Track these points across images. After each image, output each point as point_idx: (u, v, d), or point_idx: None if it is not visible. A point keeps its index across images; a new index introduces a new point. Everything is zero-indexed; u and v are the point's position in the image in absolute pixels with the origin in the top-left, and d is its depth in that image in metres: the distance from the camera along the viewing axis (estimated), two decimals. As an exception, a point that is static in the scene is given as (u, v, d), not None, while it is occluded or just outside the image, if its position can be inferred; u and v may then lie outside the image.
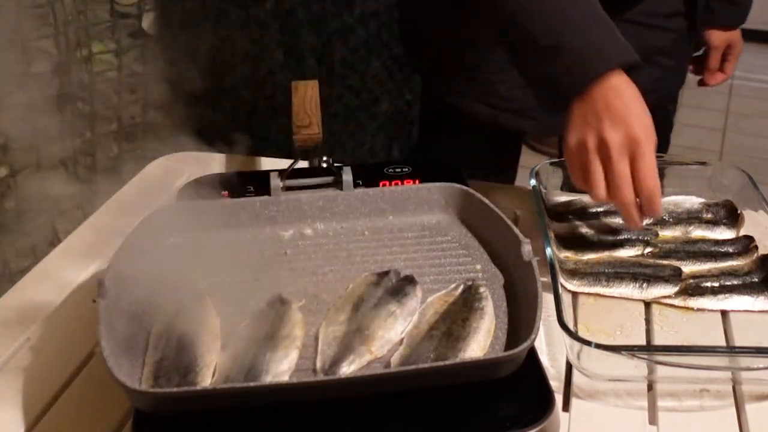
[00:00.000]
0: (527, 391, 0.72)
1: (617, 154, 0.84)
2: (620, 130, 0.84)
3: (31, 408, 0.78)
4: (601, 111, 0.85)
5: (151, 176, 1.20)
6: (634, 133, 0.84)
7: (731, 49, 1.38)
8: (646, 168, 0.84)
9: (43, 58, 1.54)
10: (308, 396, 0.69)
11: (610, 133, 0.84)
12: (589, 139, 0.85)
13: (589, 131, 0.86)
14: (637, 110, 0.86)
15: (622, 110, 0.85)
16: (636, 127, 0.84)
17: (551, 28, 0.88)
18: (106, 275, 0.77)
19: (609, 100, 0.86)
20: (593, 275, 0.92)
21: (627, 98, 0.86)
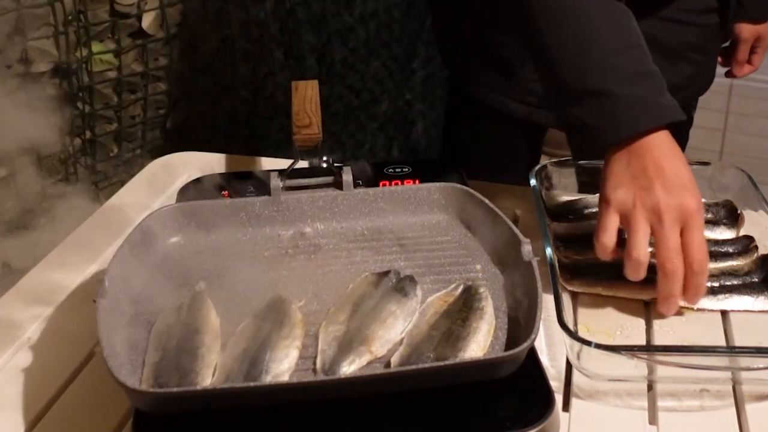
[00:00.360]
0: (527, 391, 0.72)
1: (671, 222, 0.80)
2: (675, 197, 0.81)
3: (31, 408, 0.78)
4: (652, 172, 0.82)
5: (151, 176, 1.20)
6: (688, 203, 0.81)
7: (760, 42, 1.39)
8: (698, 240, 0.80)
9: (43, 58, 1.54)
10: (308, 396, 0.69)
11: (665, 198, 0.80)
12: (639, 199, 0.81)
13: (640, 191, 0.82)
14: (689, 178, 0.83)
15: (674, 176, 0.82)
16: (690, 198, 0.81)
17: (599, 72, 0.85)
18: (106, 275, 0.77)
19: (659, 162, 0.82)
20: (594, 275, 0.92)
21: (677, 162, 0.83)
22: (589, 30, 0.87)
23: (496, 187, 1.13)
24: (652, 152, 0.83)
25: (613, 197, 0.83)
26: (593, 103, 0.85)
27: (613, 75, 0.85)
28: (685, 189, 0.81)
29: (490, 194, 0.92)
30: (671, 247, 0.80)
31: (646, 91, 0.85)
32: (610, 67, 0.85)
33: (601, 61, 0.86)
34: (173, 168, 1.21)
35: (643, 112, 0.84)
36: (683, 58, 1.24)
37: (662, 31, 1.19)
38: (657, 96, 0.86)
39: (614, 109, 0.84)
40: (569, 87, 0.87)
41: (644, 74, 0.87)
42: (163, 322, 0.78)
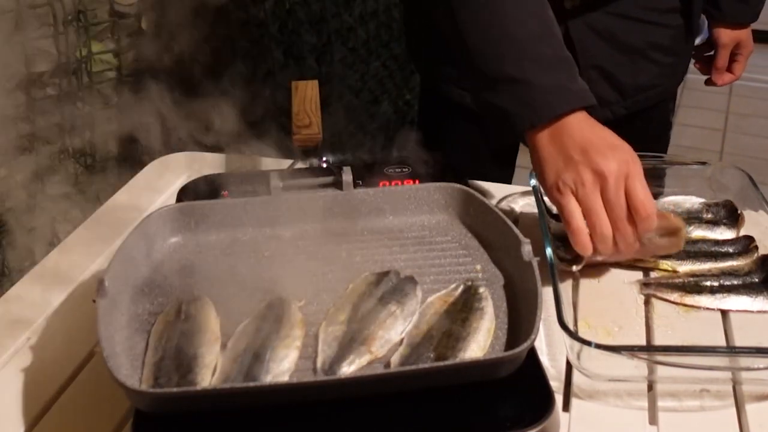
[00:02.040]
0: (527, 391, 0.72)
1: (615, 183, 0.83)
2: (611, 158, 0.83)
3: (31, 408, 0.78)
4: (582, 145, 0.84)
5: (151, 176, 1.20)
6: (623, 157, 0.84)
7: (740, 49, 1.36)
8: (642, 188, 0.83)
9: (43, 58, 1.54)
10: (308, 396, 0.69)
11: (604, 163, 0.83)
12: (584, 173, 0.84)
13: (581, 166, 0.84)
14: (613, 136, 0.86)
15: (602, 141, 0.85)
16: (623, 153, 0.84)
17: (514, 59, 0.88)
18: (106, 275, 0.77)
19: (584, 134, 0.85)
20: None
21: (599, 130, 0.86)
22: (504, 17, 0.89)
23: (496, 187, 1.13)
24: (574, 129, 0.86)
25: (561, 182, 0.86)
26: (510, 90, 0.88)
27: (529, 63, 0.88)
28: (615, 147, 0.84)
29: (490, 194, 0.92)
30: (620, 209, 0.83)
31: (559, 77, 0.88)
32: (526, 55, 0.88)
33: (517, 49, 0.88)
34: (173, 168, 1.21)
35: (557, 97, 0.87)
36: (645, 58, 1.23)
37: (622, 29, 1.18)
38: (569, 82, 0.89)
39: (530, 95, 0.87)
40: (486, 75, 0.90)
41: (557, 61, 0.89)
42: (162, 322, 0.78)
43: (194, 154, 1.23)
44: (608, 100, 1.23)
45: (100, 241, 1.02)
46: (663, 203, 1.05)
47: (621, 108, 1.25)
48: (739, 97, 3.68)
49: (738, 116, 3.56)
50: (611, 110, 1.24)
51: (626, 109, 1.25)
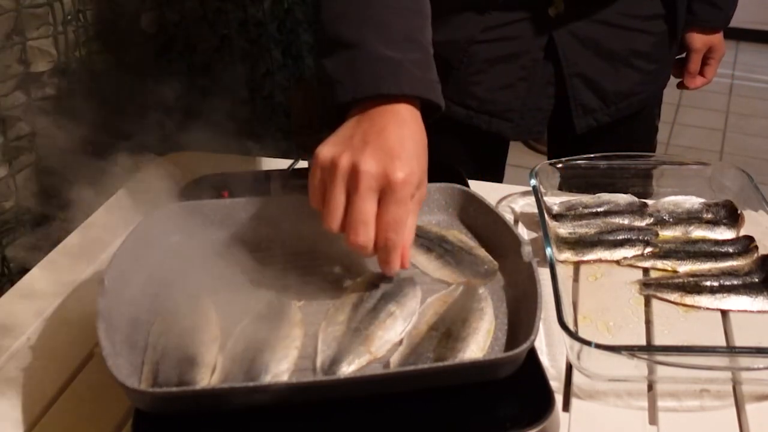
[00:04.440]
0: (527, 391, 0.72)
1: (365, 188, 0.71)
2: (380, 162, 0.71)
3: (31, 408, 0.78)
4: (370, 136, 0.73)
5: (151, 176, 1.20)
6: (393, 171, 0.70)
7: (712, 53, 1.36)
8: (392, 215, 0.71)
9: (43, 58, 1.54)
10: (307, 396, 0.69)
11: (367, 162, 0.71)
12: (343, 159, 0.72)
13: (346, 152, 0.72)
14: (412, 151, 0.73)
15: (394, 144, 0.72)
16: (400, 167, 0.71)
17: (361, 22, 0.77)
18: (106, 275, 0.77)
19: (384, 127, 0.73)
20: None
21: (409, 133, 0.74)
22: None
23: (496, 188, 1.13)
24: (384, 117, 0.74)
25: (319, 154, 0.74)
26: (341, 54, 0.77)
27: (373, 29, 0.77)
28: (397, 158, 0.71)
29: (490, 194, 0.92)
30: (357, 217, 0.72)
31: (402, 56, 0.76)
32: (373, 21, 0.77)
33: (367, 14, 0.78)
34: (173, 168, 1.20)
35: (390, 74, 0.75)
36: (627, 65, 1.22)
37: (604, 36, 1.18)
38: (414, 66, 0.77)
39: (358, 63, 0.76)
40: (327, 35, 0.79)
41: (409, 41, 0.79)
42: (162, 321, 0.78)
43: (194, 154, 1.23)
44: (592, 108, 1.23)
45: (100, 241, 1.02)
46: (663, 203, 1.05)
47: (605, 115, 1.25)
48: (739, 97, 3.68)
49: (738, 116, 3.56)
50: (594, 117, 1.24)
51: (610, 117, 1.25)
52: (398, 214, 0.72)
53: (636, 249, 0.96)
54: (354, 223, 0.72)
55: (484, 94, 1.22)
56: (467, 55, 1.19)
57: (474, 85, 1.21)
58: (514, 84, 1.20)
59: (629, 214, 1.02)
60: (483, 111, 1.23)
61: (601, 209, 1.03)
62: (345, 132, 0.75)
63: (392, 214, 0.72)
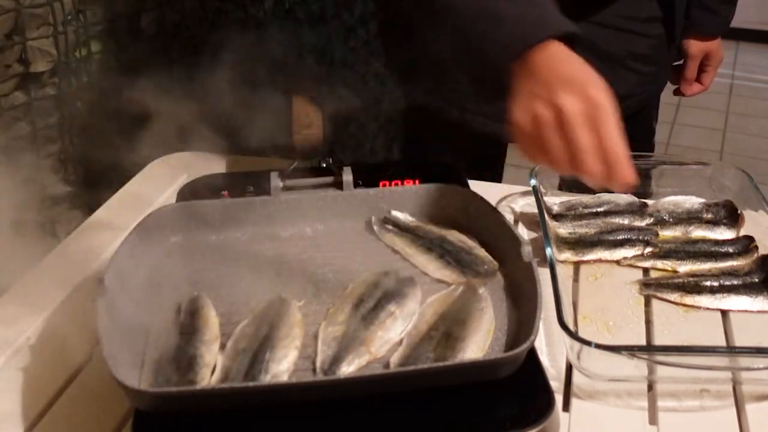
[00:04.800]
0: (527, 391, 0.72)
1: (577, 122, 0.74)
2: (577, 95, 0.74)
3: (31, 408, 0.78)
4: (549, 79, 0.76)
5: (151, 176, 1.20)
6: (592, 96, 0.74)
7: (710, 60, 1.35)
8: (610, 133, 0.74)
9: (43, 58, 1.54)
10: (307, 396, 0.69)
11: (566, 101, 0.74)
12: (541, 110, 0.75)
13: (540, 102, 0.75)
14: (589, 73, 0.77)
15: (573, 75, 0.76)
16: (593, 91, 0.75)
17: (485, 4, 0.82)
18: (106, 274, 0.77)
19: (555, 66, 0.77)
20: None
21: (575, 63, 0.78)
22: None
23: (496, 188, 1.13)
24: (546, 60, 0.78)
25: (518, 117, 0.78)
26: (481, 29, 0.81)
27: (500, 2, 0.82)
28: (587, 84, 0.76)
29: (490, 194, 0.92)
30: (584, 148, 0.74)
31: (529, 8, 0.82)
32: None
33: None
34: (173, 168, 1.21)
35: (529, 27, 0.80)
36: (625, 67, 1.21)
37: (601, 37, 1.17)
38: (542, 11, 0.82)
39: (501, 31, 0.80)
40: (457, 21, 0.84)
41: None
42: (162, 321, 0.78)
43: (194, 154, 1.23)
44: None
45: (100, 241, 1.02)
46: (663, 203, 1.05)
47: None
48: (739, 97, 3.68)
49: (738, 116, 3.56)
50: None
51: None
52: (613, 129, 0.74)
53: (636, 249, 0.96)
54: (582, 156, 0.74)
55: None
56: None
57: None
58: None
59: (629, 214, 1.02)
60: (479, 113, 1.23)
61: (601, 209, 1.03)
62: (523, 91, 0.78)
63: (608, 132, 0.74)
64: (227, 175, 1.07)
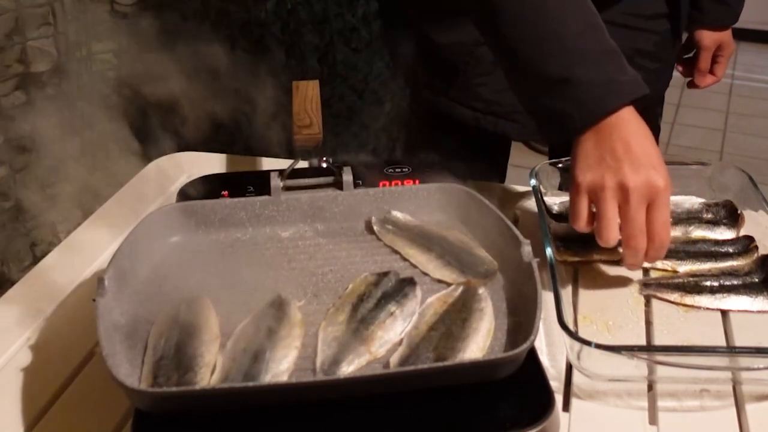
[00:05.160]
0: (527, 391, 0.72)
1: (637, 200, 0.81)
2: (642, 175, 0.81)
3: (31, 408, 0.78)
4: (620, 152, 0.82)
5: (151, 176, 1.20)
6: (655, 180, 0.82)
7: (722, 51, 1.36)
8: (662, 218, 0.82)
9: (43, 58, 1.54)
10: (307, 396, 0.69)
11: (632, 178, 0.81)
12: (607, 180, 0.82)
13: (608, 172, 0.82)
14: (657, 156, 0.84)
15: (642, 154, 0.83)
16: (657, 175, 0.82)
17: (561, 59, 0.85)
18: (106, 274, 0.77)
19: (627, 140, 0.83)
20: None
21: (644, 141, 0.84)
22: (546, 15, 0.86)
23: (496, 188, 1.13)
24: (620, 131, 0.83)
25: (582, 180, 0.85)
26: (557, 90, 0.85)
27: (575, 60, 0.85)
28: (652, 167, 0.82)
29: (490, 194, 0.92)
30: (637, 227, 0.82)
31: (607, 71, 0.85)
32: (571, 52, 0.85)
33: (561, 47, 0.85)
34: (173, 168, 1.21)
35: (605, 93, 0.84)
36: (631, 64, 1.22)
37: (609, 35, 1.18)
38: (619, 74, 0.86)
39: (579, 94, 0.84)
40: (531, 76, 0.87)
41: (604, 54, 0.86)
42: (162, 321, 0.78)
43: (194, 154, 1.23)
44: None
45: (100, 241, 1.02)
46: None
47: None
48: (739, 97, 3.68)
49: (738, 116, 3.56)
50: None
51: None
52: (665, 216, 0.83)
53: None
54: (633, 232, 0.82)
55: (490, 95, 1.22)
56: (474, 56, 1.18)
57: (480, 86, 1.21)
58: None
59: (629, 214, 1.02)
60: (489, 112, 1.23)
61: (601, 209, 1.03)
62: (592, 155, 0.84)
63: (661, 218, 0.83)
64: (227, 175, 1.07)
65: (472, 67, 1.19)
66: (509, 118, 1.23)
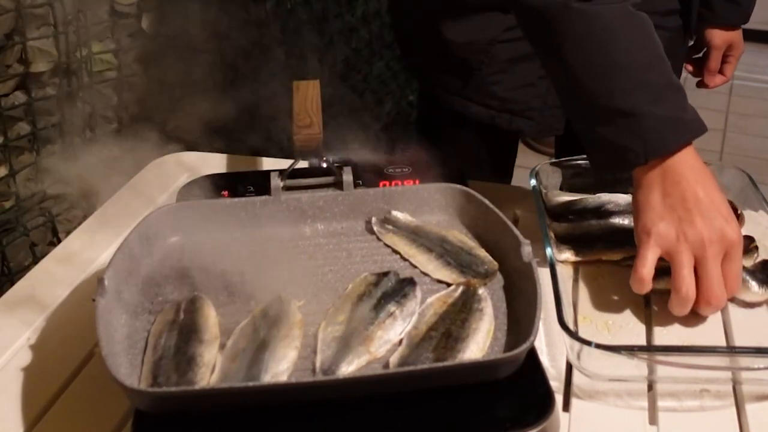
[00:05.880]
0: (527, 391, 0.72)
1: (714, 254, 0.80)
2: (717, 229, 0.81)
3: (31, 408, 0.78)
4: (690, 203, 0.81)
5: (151, 176, 1.20)
6: (729, 234, 0.81)
7: (732, 50, 1.36)
8: (736, 272, 0.82)
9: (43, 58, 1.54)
10: (307, 396, 0.69)
11: (708, 232, 0.80)
12: (683, 233, 0.81)
13: (682, 224, 0.81)
14: (726, 206, 0.83)
15: (712, 205, 0.82)
16: (730, 228, 0.81)
17: (627, 91, 0.83)
18: (106, 274, 0.77)
19: (695, 191, 0.82)
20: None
21: (712, 190, 0.83)
22: (613, 46, 0.84)
23: (496, 188, 1.13)
24: (686, 178, 0.83)
25: (654, 231, 0.82)
26: (620, 123, 0.83)
27: (640, 94, 0.83)
28: (725, 219, 0.82)
29: (490, 194, 0.92)
30: (716, 281, 0.81)
31: (671, 108, 0.84)
32: (636, 86, 0.83)
33: (627, 80, 0.84)
34: (173, 168, 1.21)
35: (670, 130, 0.83)
36: None
37: None
38: (682, 112, 0.85)
39: (642, 129, 0.83)
40: (594, 106, 0.85)
41: (668, 89, 0.85)
42: (162, 321, 0.78)
43: (194, 154, 1.23)
44: None
45: (100, 241, 1.02)
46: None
47: None
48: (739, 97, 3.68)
49: (738, 116, 3.56)
50: None
51: None
52: (738, 269, 0.83)
53: (636, 249, 0.96)
54: (712, 287, 0.81)
55: (505, 93, 1.22)
56: (488, 55, 1.19)
57: (494, 84, 1.21)
58: (535, 82, 1.20)
59: (629, 214, 1.02)
60: (504, 110, 1.23)
61: (601, 209, 1.03)
62: (661, 203, 0.83)
63: (735, 270, 0.83)
64: (227, 175, 1.06)
65: (487, 65, 1.19)
66: (524, 115, 1.23)
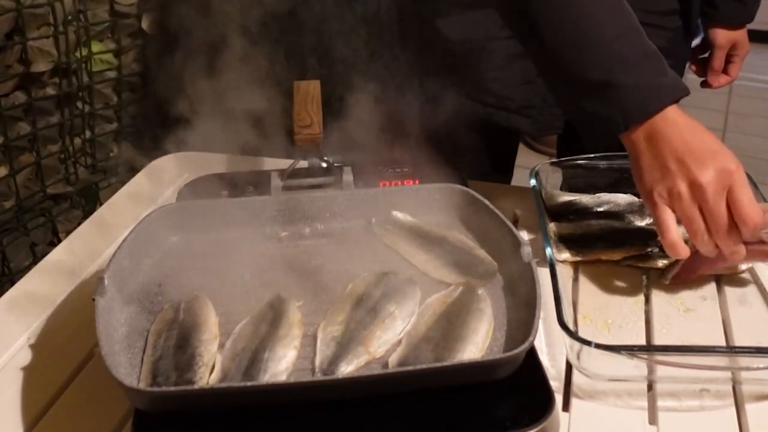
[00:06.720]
0: (527, 391, 0.72)
1: (713, 193, 0.79)
2: (711, 167, 0.79)
3: (31, 408, 0.78)
4: (680, 152, 0.81)
5: (151, 176, 1.20)
6: (724, 166, 0.79)
7: (736, 50, 1.35)
8: (746, 198, 0.79)
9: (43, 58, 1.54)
10: (306, 396, 0.69)
11: (702, 175, 0.79)
12: (679, 186, 0.80)
13: (677, 177, 0.81)
14: (715, 142, 0.82)
15: (701, 146, 0.81)
16: (724, 160, 0.80)
17: (601, 63, 0.84)
18: (106, 273, 0.77)
19: (682, 138, 0.81)
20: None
21: (698, 133, 0.82)
22: (585, 20, 0.86)
23: (496, 188, 1.13)
24: (672, 131, 0.82)
25: (656, 193, 0.82)
26: (598, 94, 0.84)
27: (614, 64, 0.84)
28: (715, 154, 0.80)
29: (490, 194, 0.92)
30: (720, 220, 0.79)
31: (648, 74, 0.85)
32: (610, 57, 0.84)
33: (601, 52, 0.85)
34: (173, 168, 1.21)
35: (647, 96, 0.83)
36: None
37: None
38: (659, 76, 0.85)
39: (618, 98, 0.83)
40: (572, 81, 0.86)
41: (644, 56, 0.86)
42: (161, 321, 0.78)
43: (194, 154, 1.23)
44: None
45: (101, 241, 1.02)
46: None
47: None
48: (739, 97, 3.67)
49: (738, 116, 3.56)
50: None
51: None
52: (748, 194, 0.80)
53: (636, 249, 0.96)
54: (718, 226, 0.79)
55: (503, 90, 1.22)
56: (486, 52, 1.18)
57: (492, 82, 1.21)
58: (533, 80, 1.20)
59: (629, 214, 1.02)
60: (502, 107, 1.23)
61: (601, 209, 1.03)
62: (655, 165, 0.82)
63: (745, 197, 0.79)
64: (227, 175, 1.06)
65: (485, 62, 1.19)
66: (521, 113, 1.23)
